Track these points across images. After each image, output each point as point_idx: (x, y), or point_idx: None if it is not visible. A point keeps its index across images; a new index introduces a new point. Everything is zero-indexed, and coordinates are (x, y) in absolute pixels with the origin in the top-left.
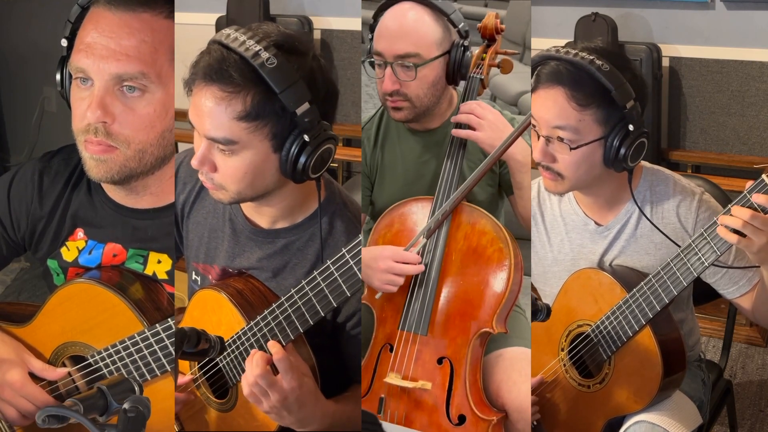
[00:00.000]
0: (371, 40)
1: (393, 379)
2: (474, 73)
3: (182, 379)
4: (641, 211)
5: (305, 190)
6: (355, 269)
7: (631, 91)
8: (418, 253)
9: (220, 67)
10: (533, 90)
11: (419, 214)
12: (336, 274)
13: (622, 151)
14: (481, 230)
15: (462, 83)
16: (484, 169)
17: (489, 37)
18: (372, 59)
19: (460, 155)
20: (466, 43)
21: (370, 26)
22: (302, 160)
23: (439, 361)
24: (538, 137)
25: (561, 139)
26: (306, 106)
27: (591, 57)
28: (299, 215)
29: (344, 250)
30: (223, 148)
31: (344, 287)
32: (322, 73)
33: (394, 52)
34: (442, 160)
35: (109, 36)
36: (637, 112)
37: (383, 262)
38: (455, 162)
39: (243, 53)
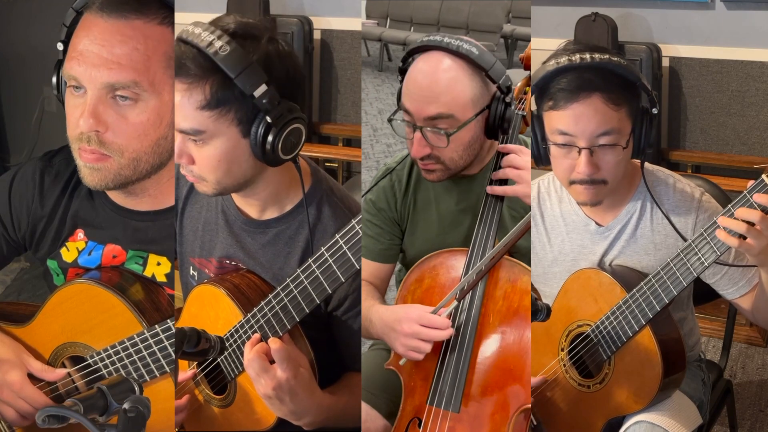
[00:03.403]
0: (402, 85)
1: None
2: (516, 108)
3: (182, 376)
4: (650, 194)
5: (288, 176)
6: (349, 254)
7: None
8: (448, 316)
9: (178, 61)
10: (555, 107)
11: (454, 268)
12: (330, 261)
13: (653, 134)
14: (523, 289)
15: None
16: (524, 227)
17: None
18: (397, 117)
19: (499, 206)
20: (507, 99)
21: (400, 69)
22: (270, 140)
23: None
24: (579, 152)
25: (606, 145)
26: (263, 87)
27: (606, 56)
28: (287, 203)
29: (338, 236)
30: (194, 139)
31: (338, 273)
32: (280, 56)
33: (424, 114)
34: (479, 208)
35: (100, 44)
36: (656, 94)
37: (408, 325)
38: (492, 214)
39: (198, 44)
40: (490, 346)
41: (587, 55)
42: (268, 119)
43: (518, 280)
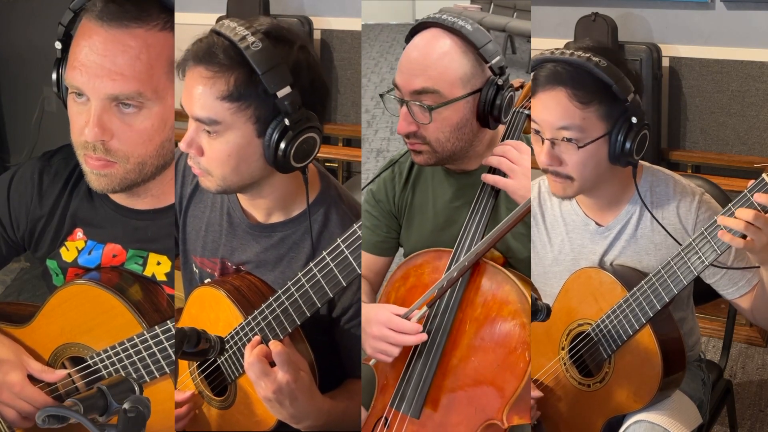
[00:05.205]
0: None
1: None
2: (522, 107)
3: (180, 396)
4: (644, 205)
5: (296, 182)
6: (351, 259)
7: (630, 85)
8: (421, 320)
9: (208, 50)
10: (533, 95)
11: (438, 270)
12: (331, 265)
13: (628, 144)
14: (503, 299)
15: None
16: (510, 223)
17: None
18: (392, 93)
19: (490, 204)
20: (500, 81)
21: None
22: (283, 146)
23: None
24: (542, 141)
25: (567, 140)
26: (287, 89)
27: (587, 55)
28: (294, 208)
29: (339, 240)
30: (208, 129)
31: (340, 277)
32: (308, 64)
33: (410, 88)
34: None
35: (102, 54)
36: (638, 104)
37: (377, 327)
38: (483, 212)
39: (231, 37)
40: (461, 355)
41: (569, 51)
42: (287, 122)
43: (500, 289)
